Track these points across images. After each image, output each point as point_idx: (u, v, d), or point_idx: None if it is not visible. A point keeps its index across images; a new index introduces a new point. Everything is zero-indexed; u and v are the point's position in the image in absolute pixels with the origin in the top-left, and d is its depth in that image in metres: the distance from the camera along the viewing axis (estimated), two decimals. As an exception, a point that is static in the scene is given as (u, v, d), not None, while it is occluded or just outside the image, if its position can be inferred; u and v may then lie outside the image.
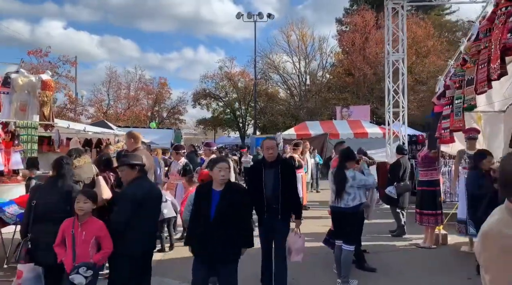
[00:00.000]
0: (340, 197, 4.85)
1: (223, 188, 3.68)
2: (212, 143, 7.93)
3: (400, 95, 11.93)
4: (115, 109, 31.97)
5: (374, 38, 30.08)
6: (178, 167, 7.73)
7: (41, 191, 3.94)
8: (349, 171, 4.90)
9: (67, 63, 22.30)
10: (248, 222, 3.92)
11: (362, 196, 4.96)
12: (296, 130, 20.37)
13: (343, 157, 5.03)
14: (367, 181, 4.96)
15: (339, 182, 4.85)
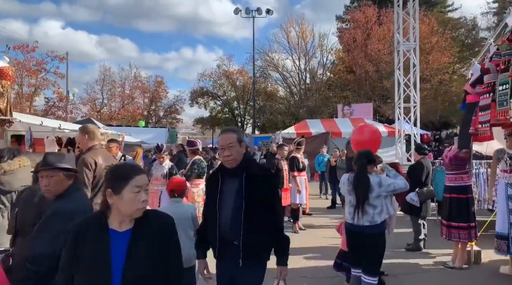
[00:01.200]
0: (363, 212, 3.57)
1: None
2: (195, 142, 6.64)
3: (411, 88, 10.64)
4: (109, 108, 30.63)
5: (377, 35, 28.82)
6: (163, 170, 6.45)
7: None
8: (372, 176, 3.63)
9: (56, 59, 21.03)
10: None
11: (389, 206, 3.69)
12: (296, 128, 19.10)
13: (364, 159, 3.75)
14: (397, 184, 3.70)
15: (361, 191, 3.58)
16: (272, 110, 34.16)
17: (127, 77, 32.46)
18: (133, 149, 7.41)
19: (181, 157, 10.16)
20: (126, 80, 32.33)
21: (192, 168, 6.30)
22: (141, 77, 33.92)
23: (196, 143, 6.51)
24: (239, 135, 2.67)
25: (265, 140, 24.98)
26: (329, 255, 6.04)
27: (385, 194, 3.63)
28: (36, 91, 20.36)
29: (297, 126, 19.60)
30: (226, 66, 34.93)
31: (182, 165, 10.19)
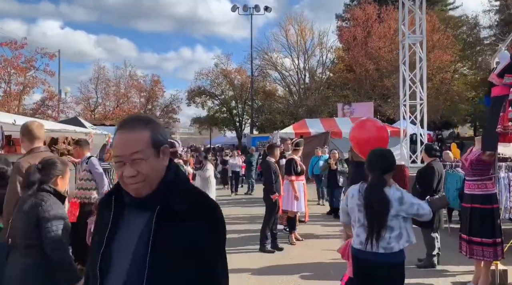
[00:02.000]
0: (378, 236, 2.69)
1: None
2: (173, 143, 5.73)
3: (417, 85, 9.76)
4: (103, 107, 29.67)
5: (377, 32, 27.94)
6: None
7: None
8: (393, 189, 2.76)
9: (45, 56, 20.10)
10: None
11: (410, 232, 2.81)
12: (295, 128, 18.21)
13: (380, 163, 2.87)
14: (422, 207, 2.82)
15: (376, 210, 2.70)
16: (270, 110, 33.29)
17: (122, 75, 31.53)
18: (106, 150, 6.47)
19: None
20: (121, 78, 31.40)
21: None
22: (137, 76, 33.03)
23: (174, 144, 5.61)
24: (156, 133, 1.36)
25: (263, 140, 24.10)
26: (330, 275, 5.17)
27: (405, 215, 2.75)
28: (25, 89, 19.48)
29: (296, 125, 18.72)
30: (224, 65, 34.06)
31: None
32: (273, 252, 6.44)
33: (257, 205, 10.11)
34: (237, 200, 12.86)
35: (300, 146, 7.27)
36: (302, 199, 6.99)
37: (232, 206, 11.35)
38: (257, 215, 9.12)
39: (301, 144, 7.33)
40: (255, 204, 10.94)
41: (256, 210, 9.83)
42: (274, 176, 6.49)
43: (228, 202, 12.41)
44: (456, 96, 30.02)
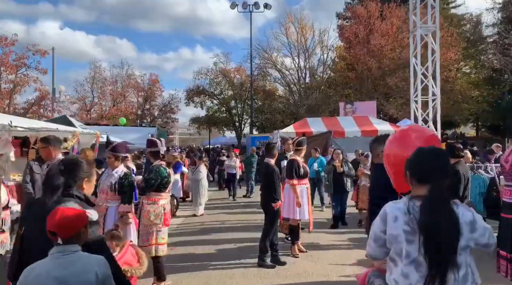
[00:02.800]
0: (444, 279, 1.75)
1: None
2: (155, 142, 4.73)
3: (429, 79, 8.84)
4: (100, 106, 28.69)
5: (379, 30, 27.04)
6: (111, 180, 4.61)
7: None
8: (460, 208, 1.86)
9: (37, 53, 19.14)
10: None
11: (475, 269, 1.90)
12: (296, 127, 17.28)
13: (444, 170, 1.95)
14: (492, 235, 1.91)
15: (444, 238, 1.76)
16: (270, 109, 32.37)
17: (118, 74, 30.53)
18: (81, 151, 5.54)
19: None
20: (117, 77, 30.36)
21: (147, 179, 4.51)
22: (134, 75, 32.05)
23: (155, 143, 4.67)
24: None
25: (263, 140, 23.19)
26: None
27: (474, 246, 1.84)
28: (16, 87, 18.58)
29: (297, 124, 17.78)
30: (223, 64, 33.13)
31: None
32: (274, 267, 5.53)
33: (256, 211, 9.21)
34: (235, 204, 11.81)
35: (303, 145, 6.34)
36: (306, 205, 6.07)
37: (228, 212, 10.36)
38: (256, 222, 8.22)
39: (304, 143, 6.39)
40: (254, 210, 10.01)
41: (255, 217, 8.93)
42: (277, 181, 5.58)
43: (224, 206, 11.40)
44: (459, 95, 29.15)
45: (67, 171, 2.22)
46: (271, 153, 5.83)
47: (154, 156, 4.63)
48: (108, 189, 4.54)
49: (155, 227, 4.39)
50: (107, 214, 4.51)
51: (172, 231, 8.11)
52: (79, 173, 2.26)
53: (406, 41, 27.22)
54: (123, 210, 4.47)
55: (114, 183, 4.54)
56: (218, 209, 10.63)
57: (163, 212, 4.43)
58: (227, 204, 11.71)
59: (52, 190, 2.15)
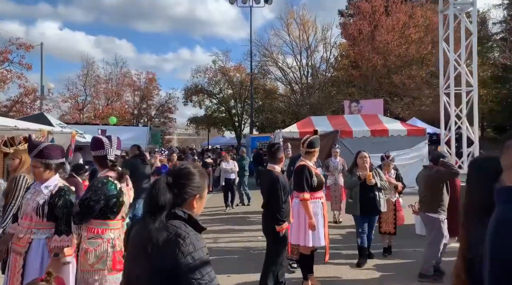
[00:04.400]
0: None
1: None
2: (100, 140, 2.94)
3: (463, 67, 7.23)
4: (93, 105, 27.03)
5: (385, 25, 25.42)
6: (38, 199, 2.97)
7: None
8: None
9: (21, 47, 17.52)
10: None
11: None
12: (299, 126, 15.72)
13: None
14: None
15: None
16: (271, 109, 30.75)
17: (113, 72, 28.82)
18: (14, 155, 3.92)
19: (136, 164, 6.80)
20: (111, 74, 28.65)
21: (82, 200, 2.85)
22: (130, 73, 30.37)
23: (101, 144, 2.98)
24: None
25: (263, 140, 21.61)
26: None
27: None
28: (-2, 84, 17.03)
29: (300, 123, 16.20)
30: (223, 62, 31.50)
31: (139, 177, 6.82)
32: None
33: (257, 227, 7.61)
34: (229, 217, 9.68)
35: (315, 146, 4.68)
36: (321, 227, 4.46)
37: (223, 226, 8.44)
38: (256, 245, 6.59)
39: (317, 143, 4.74)
40: (253, 226, 8.26)
41: (255, 234, 7.31)
42: (283, 195, 3.99)
43: (215, 219, 9.28)
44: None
45: (177, 185, 1.66)
46: (275, 158, 4.23)
47: (100, 163, 3.00)
48: (33, 213, 2.94)
49: (97, 275, 2.77)
50: (30, 250, 2.91)
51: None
52: (191, 188, 1.70)
53: (413, 37, 25.72)
54: (57, 245, 2.88)
55: (42, 203, 2.94)
56: (210, 222, 8.97)
57: (111, 251, 2.82)
58: (222, 216, 9.70)
59: (155, 210, 1.60)
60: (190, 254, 1.51)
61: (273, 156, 4.21)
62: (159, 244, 1.53)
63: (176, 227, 1.57)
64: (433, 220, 4.70)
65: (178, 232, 1.54)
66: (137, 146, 7.05)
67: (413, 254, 5.96)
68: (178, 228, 1.57)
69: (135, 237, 1.68)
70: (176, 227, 1.57)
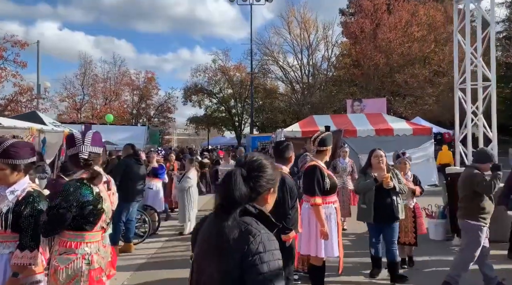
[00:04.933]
0: None
1: None
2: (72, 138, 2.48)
3: (479, 60, 6.73)
4: (91, 104, 26.46)
5: (387, 23, 24.94)
6: (1, 206, 2.44)
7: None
8: None
9: (16, 45, 17.00)
10: None
11: None
12: (302, 125, 15.19)
13: None
14: None
15: None
16: (271, 108, 30.25)
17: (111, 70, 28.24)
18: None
19: (130, 164, 6.29)
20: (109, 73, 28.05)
21: (50, 208, 2.30)
22: (129, 72, 29.81)
23: (72, 140, 2.45)
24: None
25: (264, 140, 21.11)
26: None
27: None
28: (-8, 82, 16.50)
29: (303, 122, 15.67)
30: (222, 61, 30.96)
31: (134, 177, 6.31)
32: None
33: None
34: None
35: (328, 144, 4.17)
36: (335, 236, 3.94)
37: None
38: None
39: (329, 141, 4.23)
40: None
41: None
42: (289, 200, 3.48)
43: None
44: (470, 93, 27.12)
45: (250, 178, 1.49)
46: (282, 157, 3.71)
47: (74, 163, 2.47)
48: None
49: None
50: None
51: (150, 257, 6.03)
52: (265, 181, 1.53)
53: (416, 35, 25.26)
54: (17, 263, 2.36)
55: (6, 211, 2.42)
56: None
57: (86, 269, 2.29)
58: None
59: (230, 205, 1.44)
60: (258, 255, 1.39)
61: (281, 155, 3.69)
62: (230, 242, 1.42)
63: (247, 223, 1.45)
64: (470, 227, 4.11)
65: (249, 229, 1.42)
66: (131, 145, 6.53)
67: (430, 263, 5.44)
68: (248, 225, 1.44)
69: (205, 234, 1.55)
70: (247, 224, 1.45)
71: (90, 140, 2.48)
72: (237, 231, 1.42)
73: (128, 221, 6.22)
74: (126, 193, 6.11)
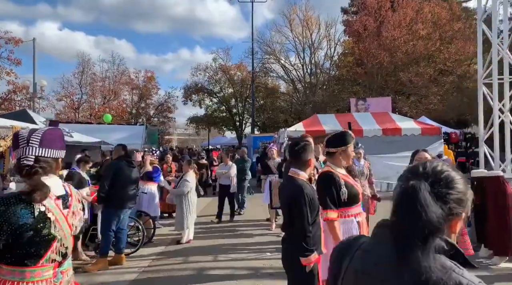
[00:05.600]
0: None
1: None
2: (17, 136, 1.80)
3: (506, 52, 6.05)
4: (89, 104, 25.76)
5: (392, 21, 24.23)
6: None
7: None
8: None
9: (11, 42, 16.34)
10: None
11: None
12: (305, 125, 14.56)
13: None
14: None
15: None
16: (273, 108, 29.55)
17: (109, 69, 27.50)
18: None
19: (120, 167, 5.61)
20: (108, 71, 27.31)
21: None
22: (128, 71, 29.12)
23: (16, 141, 1.72)
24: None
25: (266, 140, 20.46)
26: None
27: None
28: (-15, 80, 15.84)
29: (307, 122, 15.02)
30: (223, 60, 30.27)
31: (125, 182, 5.63)
32: None
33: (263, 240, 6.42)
34: (223, 230, 7.76)
35: (349, 143, 3.48)
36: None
37: (226, 237, 7.46)
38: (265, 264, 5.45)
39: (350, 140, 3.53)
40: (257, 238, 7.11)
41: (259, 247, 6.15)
42: (309, 213, 2.82)
43: (221, 226, 8.30)
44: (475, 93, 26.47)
45: (440, 197, 1.03)
46: (299, 160, 3.03)
47: (17, 169, 1.78)
48: None
49: None
50: None
51: (143, 271, 5.35)
52: (458, 201, 1.05)
53: (421, 33, 24.58)
54: None
55: None
56: (212, 232, 7.80)
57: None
58: (209, 234, 7.69)
59: (417, 237, 0.98)
60: None
61: (297, 158, 3.01)
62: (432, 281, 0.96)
63: (448, 268, 0.98)
64: None
65: (458, 280, 0.96)
66: (123, 146, 5.85)
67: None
68: (454, 271, 0.98)
69: (375, 273, 1.06)
70: (451, 270, 0.98)
71: (38, 141, 1.81)
72: (438, 279, 0.97)
73: (119, 231, 5.55)
74: (117, 200, 5.46)
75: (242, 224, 8.35)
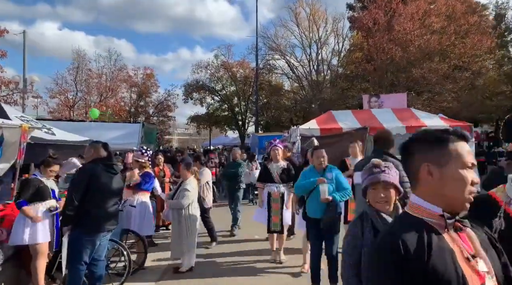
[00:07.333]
0: None
1: None
2: None
3: None
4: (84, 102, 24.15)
5: (404, 13, 22.62)
6: None
7: None
8: None
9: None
10: None
11: None
12: (320, 122, 12.92)
13: None
14: None
15: None
16: (277, 106, 27.95)
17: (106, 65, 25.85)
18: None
19: (95, 173, 3.98)
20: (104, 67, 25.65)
21: None
22: (126, 68, 27.48)
23: None
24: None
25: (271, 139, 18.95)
26: None
27: None
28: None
29: (320, 119, 13.39)
30: (225, 57, 28.65)
31: (102, 193, 4.01)
32: None
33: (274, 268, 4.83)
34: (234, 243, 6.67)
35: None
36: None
37: (243, 267, 5.79)
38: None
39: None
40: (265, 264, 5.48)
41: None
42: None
43: (231, 250, 6.60)
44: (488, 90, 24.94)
45: None
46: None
47: None
48: None
49: None
50: None
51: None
52: None
53: (435, 26, 23.02)
54: None
55: None
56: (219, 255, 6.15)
57: None
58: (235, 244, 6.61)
59: None
60: None
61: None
62: None
63: None
64: None
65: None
66: (103, 144, 4.23)
67: None
68: None
69: None
70: None
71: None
72: None
73: (93, 262, 3.94)
74: (90, 220, 3.84)
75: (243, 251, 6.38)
